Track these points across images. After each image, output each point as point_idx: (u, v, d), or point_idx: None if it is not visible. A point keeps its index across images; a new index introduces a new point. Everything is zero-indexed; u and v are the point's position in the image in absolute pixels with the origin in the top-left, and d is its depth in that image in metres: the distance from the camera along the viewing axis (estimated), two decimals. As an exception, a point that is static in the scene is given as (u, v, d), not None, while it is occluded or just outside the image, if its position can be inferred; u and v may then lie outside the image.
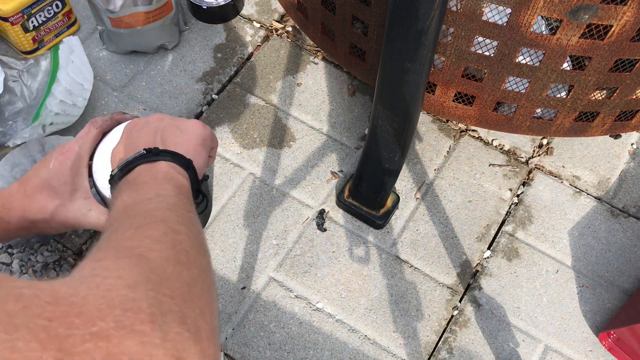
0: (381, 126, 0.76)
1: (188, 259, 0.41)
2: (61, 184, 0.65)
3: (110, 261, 0.37)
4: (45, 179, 0.65)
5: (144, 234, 0.42)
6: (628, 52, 0.66)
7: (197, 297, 0.38)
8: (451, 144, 0.98)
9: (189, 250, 0.42)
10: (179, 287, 0.38)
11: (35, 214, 0.64)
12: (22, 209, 0.64)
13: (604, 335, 0.82)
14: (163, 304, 0.35)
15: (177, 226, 0.44)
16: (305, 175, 0.94)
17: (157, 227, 0.43)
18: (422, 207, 0.92)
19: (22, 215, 0.64)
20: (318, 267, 0.87)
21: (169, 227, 0.44)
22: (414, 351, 0.82)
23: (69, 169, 0.65)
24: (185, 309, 0.36)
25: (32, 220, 0.65)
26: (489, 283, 0.87)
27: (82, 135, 0.67)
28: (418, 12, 0.59)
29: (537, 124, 0.80)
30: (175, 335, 0.33)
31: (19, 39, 0.98)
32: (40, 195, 0.64)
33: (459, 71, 0.74)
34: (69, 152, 0.66)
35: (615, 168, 0.97)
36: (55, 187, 0.65)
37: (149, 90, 1.01)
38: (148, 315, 0.33)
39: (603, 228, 0.91)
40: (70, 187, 0.65)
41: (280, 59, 1.05)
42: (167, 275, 0.38)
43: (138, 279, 0.35)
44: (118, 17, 0.95)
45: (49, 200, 0.64)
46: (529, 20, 0.64)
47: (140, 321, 0.32)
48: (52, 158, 0.66)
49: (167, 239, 0.42)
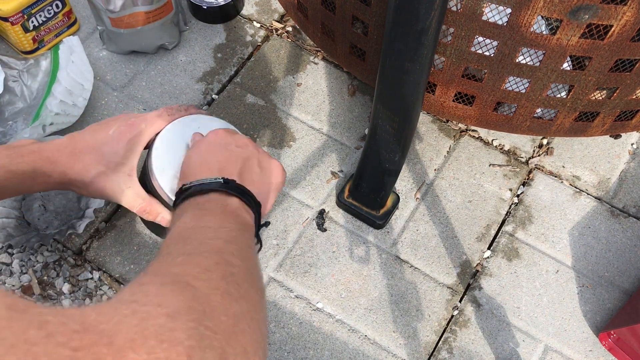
0: (381, 126, 0.76)
1: (238, 292, 0.39)
2: (112, 152, 0.63)
3: (153, 286, 0.35)
4: (99, 143, 0.63)
5: (194, 261, 0.40)
6: (628, 52, 0.66)
7: (241, 334, 0.35)
8: (451, 144, 0.98)
9: (240, 283, 0.40)
10: (224, 321, 0.35)
11: (76, 174, 0.63)
12: (66, 166, 0.63)
13: (604, 335, 0.82)
14: (204, 339, 0.32)
15: (232, 258, 0.42)
16: (305, 175, 0.94)
17: (210, 256, 0.41)
18: (422, 207, 0.92)
19: (63, 172, 0.63)
20: (318, 267, 0.87)
21: (223, 258, 0.42)
22: (414, 351, 0.82)
23: (126, 142, 0.64)
24: (227, 347, 0.33)
25: (72, 179, 0.63)
26: (489, 283, 0.87)
27: (153, 115, 0.66)
28: (418, 12, 0.59)
29: (537, 124, 0.80)
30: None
31: (19, 39, 0.98)
32: (88, 157, 0.63)
33: (459, 71, 0.74)
34: (133, 126, 0.64)
35: (615, 168, 0.97)
36: (105, 154, 0.63)
37: (149, 90, 1.01)
38: (185, 349, 0.30)
39: (603, 228, 0.91)
40: (119, 159, 0.64)
41: (280, 59, 1.05)
42: (212, 306, 0.35)
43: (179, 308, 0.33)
44: (118, 17, 0.95)
45: (94, 165, 0.63)
46: (529, 20, 0.64)
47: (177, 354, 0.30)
48: (114, 125, 0.64)
49: (218, 269, 0.40)
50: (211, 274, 0.38)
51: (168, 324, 0.31)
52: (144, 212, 0.65)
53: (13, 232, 0.84)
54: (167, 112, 0.67)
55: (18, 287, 0.83)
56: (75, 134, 0.65)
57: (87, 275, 0.85)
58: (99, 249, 0.87)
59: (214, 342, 0.32)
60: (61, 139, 0.64)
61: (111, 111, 0.99)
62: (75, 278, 0.84)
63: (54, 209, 0.89)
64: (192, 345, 0.31)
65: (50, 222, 0.88)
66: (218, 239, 0.45)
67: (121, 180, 0.64)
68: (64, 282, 0.84)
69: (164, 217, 0.65)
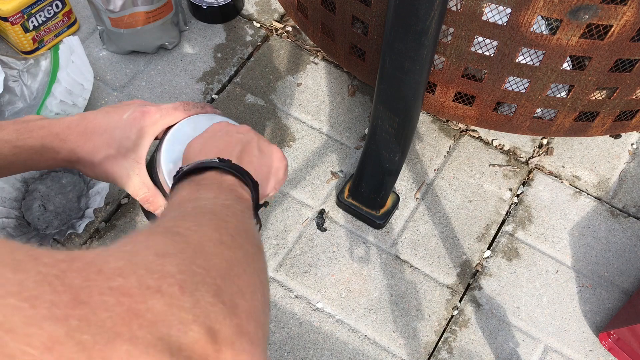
0: (381, 126, 0.76)
1: (233, 242, 0.38)
2: (124, 137, 0.63)
3: (142, 235, 0.34)
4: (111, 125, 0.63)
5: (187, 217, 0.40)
6: (628, 52, 0.66)
7: (236, 277, 0.35)
8: (451, 144, 0.98)
9: (234, 236, 0.39)
10: (217, 264, 0.34)
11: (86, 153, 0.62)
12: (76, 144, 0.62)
13: (604, 335, 0.82)
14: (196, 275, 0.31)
15: (226, 217, 0.42)
16: (305, 175, 0.94)
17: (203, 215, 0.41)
18: (422, 207, 0.92)
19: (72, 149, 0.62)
20: (318, 267, 0.87)
21: (217, 216, 0.41)
22: (414, 351, 0.82)
23: (139, 129, 0.63)
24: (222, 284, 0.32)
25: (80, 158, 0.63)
26: (489, 283, 0.87)
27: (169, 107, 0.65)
28: (418, 12, 0.59)
29: (537, 124, 0.80)
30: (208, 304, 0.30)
31: (19, 39, 0.98)
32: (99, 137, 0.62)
33: (459, 71, 0.74)
34: (148, 113, 0.64)
35: (615, 168, 0.97)
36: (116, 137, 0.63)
37: (149, 90, 1.01)
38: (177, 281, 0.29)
39: (603, 228, 0.91)
40: (130, 145, 0.63)
41: (280, 59, 1.05)
42: (204, 251, 0.34)
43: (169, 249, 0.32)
44: (118, 17, 0.95)
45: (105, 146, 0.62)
46: (529, 20, 0.64)
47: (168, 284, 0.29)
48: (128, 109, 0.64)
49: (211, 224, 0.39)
50: (204, 227, 0.38)
51: (157, 260, 0.30)
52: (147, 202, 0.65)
53: (13, 232, 0.84)
54: (183, 107, 0.67)
55: (18, 287, 0.83)
56: (87, 114, 0.64)
57: (87, 275, 0.85)
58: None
59: (206, 278, 0.32)
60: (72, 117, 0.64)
61: (111, 111, 0.99)
62: (75, 278, 0.84)
63: (54, 209, 0.89)
64: (184, 278, 0.30)
65: (50, 222, 0.88)
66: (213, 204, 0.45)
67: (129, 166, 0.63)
68: (64, 282, 0.84)
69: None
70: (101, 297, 0.26)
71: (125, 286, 0.27)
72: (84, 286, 0.26)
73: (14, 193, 0.87)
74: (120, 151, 0.63)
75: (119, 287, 0.27)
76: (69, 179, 0.91)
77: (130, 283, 0.28)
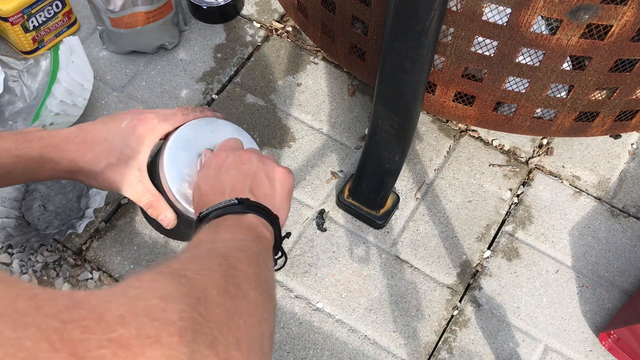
0: (381, 126, 0.76)
1: (237, 291, 0.38)
2: (124, 145, 0.63)
3: (149, 274, 0.35)
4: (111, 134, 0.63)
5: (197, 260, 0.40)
6: (628, 52, 0.66)
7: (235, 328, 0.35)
8: (451, 144, 0.98)
9: (240, 285, 0.39)
10: (217, 313, 0.34)
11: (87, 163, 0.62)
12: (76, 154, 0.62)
13: (604, 335, 0.82)
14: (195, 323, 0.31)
15: (237, 263, 0.42)
16: (305, 175, 0.94)
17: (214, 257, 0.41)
18: (422, 207, 0.92)
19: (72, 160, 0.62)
20: (318, 267, 0.87)
21: (228, 261, 0.41)
22: (414, 351, 0.82)
23: (139, 136, 0.63)
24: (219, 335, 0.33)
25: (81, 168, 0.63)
26: (489, 283, 0.87)
27: (167, 113, 0.65)
28: (418, 12, 0.59)
29: (537, 124, 0.80)
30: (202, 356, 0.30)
31: (19, 39, 0.98)
32: (99, 147, 0.63)
33: (459, 71, 0.74)
34: (146, 120, 0.64)
35: (615, 168, 0.97)
36: (117, 146, 0.63)
37: (149, 90, 1.01)
38: (178, 329, 0.30)
39: (603, 228, 0.91)
40: (131, 152, 0.63)
41: (280, 59, 1.05)
42: (207, 298, 0.35)
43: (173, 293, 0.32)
44: (118, 17, 0.95)
45: (106, 155, 0.63)
46: (529, 20, 0.64)
47: (168, 333, 0.29)
48: (126, 118, 0.64)
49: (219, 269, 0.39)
50: (211, 272, 0.38)
51: (160, 304, 0.31)
52: (150, 207, 0.65)
53: (13, 232, 0.84)
54: (181, 112, 0.66)
55: (18, 287, 0.83)
56: (86, 125, 0.64)
57: (87, 275, 0.85)
58: (98, 249, 0.87)
59: (205, 328, 0.32)
60: (71, 128, 0.64)
61: (111, 111, 0.99)
62: (75, 278, 0.84)
63: (54, 209, 0.89)
64: (184, 326, 0.30)
65: (50, 222, 0.88)
66: (227, 248, 0.45)
67: (132, 173, 0.64)
68: (63, 282, 0.84)
69: (166, 216, 0.66)
70: (99, 350, 0.27)
71: (124, 336, 0.28)
72: (83, 339, 0.27)
73: (14, 193, 0.87)
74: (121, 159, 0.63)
75: (118, 337, 0.27)
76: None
77: (129, 332, 0.28)
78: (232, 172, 0.59)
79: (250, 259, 0.44)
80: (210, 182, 0.59)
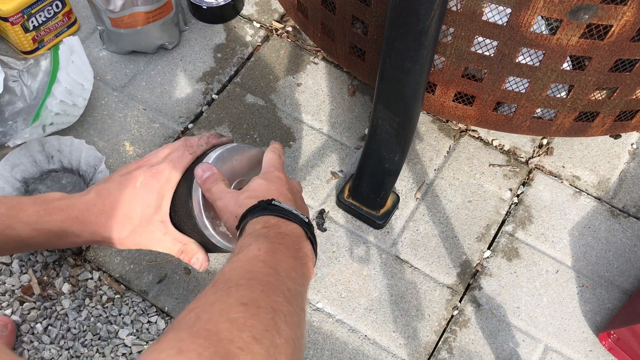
0: (381, 126, 0.76)
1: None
2: (144, 205, 0.63)
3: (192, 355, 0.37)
4: (128, 198, 0.63)
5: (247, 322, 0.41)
6: (628, 52, 0.66)
7: None
8: (451, 144, 0.98)
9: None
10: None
11: (110, 232, 0.62)
12: (97, 225, 0.62)
13: (604, 335, 0.82)
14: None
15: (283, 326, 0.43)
16: (305, 175, 0.94)
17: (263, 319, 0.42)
18: (422, 207, 0.92)
19: (94, 232, 0.62)
20: (318, 267, 0.87)
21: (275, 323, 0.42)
22: (414, 351, 0.82)
23: (156, 192, 0.63)
24: None
25: (105, 238, 0.63)
26: (489, 283, 0.87)
27: (175, 159, 0.65)
28: (418, 12, 0.59)
29: (537, 124, 0.80)
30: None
31: (19, 39, 0.98)
32: (119, 212, 0.62)
33: (459, 71, 0.74)
34: (158, 174, 0.64)
35: (615, 168, 0.97)
36: (136, 208, 0.63)
37: (149, 90, 1.01)
38: None
39: (603, 228, 0.91)
40: (152, 211, 0.63)
41: (280, 59, 1.05)
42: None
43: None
44: (118, 17, 0.95)
45: (127, 221, 0.63)
46: (529, 20, 0.64)
47: None
48: (138, 176, 0.64)
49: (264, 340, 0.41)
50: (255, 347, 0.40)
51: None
52: (181, 254, 0.65)
53: (13, 232, 0.84)
54: (188, 151, 0.66)
55: (18, 287, 0.83)
56: (102, 189, 0.64)
57: (87, 275, 0.85)
58: (98, 249, 0.87)
59: None
60: (88, 196, 0.64)
61: (111, 111, 0.99)
62: (75, 278, 0.84)
63: (54, 209, 0.89)
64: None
65: (50, 222, 0.88)
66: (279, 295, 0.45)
67: (156, 228, 0.64)
68: (63, 282, 0.84)
69: (198, 258, 0.65)
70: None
71: None
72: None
73: (14, 193, 0.87)
74: (143, 219, 0.63)
75: None
76: (69, 179, 0.91)
77: None
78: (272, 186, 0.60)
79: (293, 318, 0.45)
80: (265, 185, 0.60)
